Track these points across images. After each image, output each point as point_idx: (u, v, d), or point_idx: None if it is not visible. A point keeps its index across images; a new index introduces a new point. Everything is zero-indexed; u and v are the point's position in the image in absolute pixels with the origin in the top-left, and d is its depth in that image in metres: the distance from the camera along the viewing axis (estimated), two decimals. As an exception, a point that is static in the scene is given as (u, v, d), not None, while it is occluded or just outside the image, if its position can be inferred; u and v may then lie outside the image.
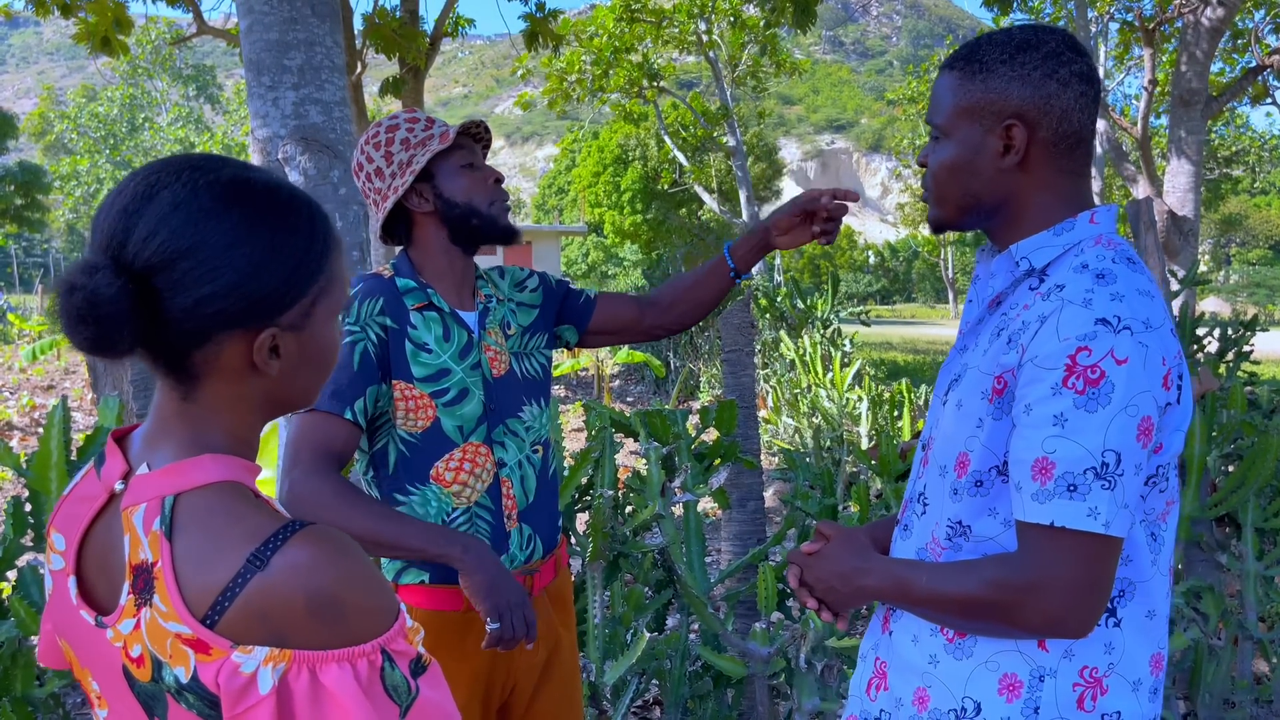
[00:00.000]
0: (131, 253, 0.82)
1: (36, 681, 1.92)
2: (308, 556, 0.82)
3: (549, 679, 1.85)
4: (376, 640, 0.83)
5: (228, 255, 0.84)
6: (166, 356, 0.86)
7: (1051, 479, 1.08)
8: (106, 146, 45.75)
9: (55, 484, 1.99)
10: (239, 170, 0.88)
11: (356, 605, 0.83)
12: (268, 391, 0.92)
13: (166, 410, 0.90)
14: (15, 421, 9.33)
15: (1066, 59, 1.18)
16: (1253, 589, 3.10)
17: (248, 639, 0.80)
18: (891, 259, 62.11)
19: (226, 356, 0.87)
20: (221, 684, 0.79)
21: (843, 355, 8.31)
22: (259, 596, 0.80)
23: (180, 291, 0.83)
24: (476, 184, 1.76)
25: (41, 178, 26.11)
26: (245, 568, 0.80)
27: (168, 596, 0.81)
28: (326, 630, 0.81)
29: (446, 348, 1.73)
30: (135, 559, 0.83)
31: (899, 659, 1.29)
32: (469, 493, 1.72)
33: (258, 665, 0.79)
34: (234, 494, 0.86)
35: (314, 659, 0.80)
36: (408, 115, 1.77)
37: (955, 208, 1.27)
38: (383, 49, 9.91)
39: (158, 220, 0.83)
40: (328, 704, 0.80)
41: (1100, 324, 1.07)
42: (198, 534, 0.83)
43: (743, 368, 3.41)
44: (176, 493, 0.84)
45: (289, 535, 0.82)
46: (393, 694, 0.83)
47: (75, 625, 0.91)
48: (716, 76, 20.17)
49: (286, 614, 0.80)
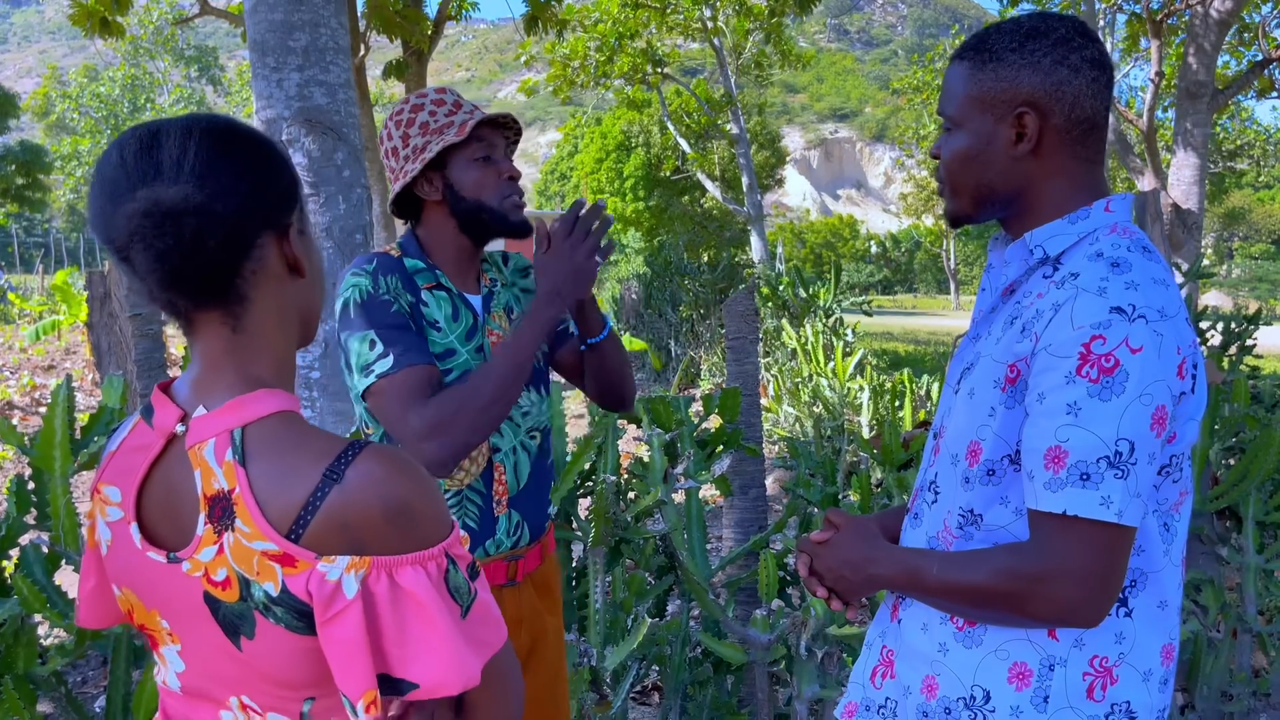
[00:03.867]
0: (176, 172, 0.89)
1: (39, 659, 1.91)
2: (380, 469, 0.89)
3: (533, 667, 1.82)
4: (442, 545, 0.91)
5: (246, 159, 0.93)
6: (225, 277, 0.93)
7: (1064, 468, 1.07)
8: (108, 127, 45.61)
9: (59, 462, 1.99)
10: (207, 114, 0.97)
11: (425, 512, 0.91)
12: (301, 301, 1.01)
13: (215, 351, 0.96)
14: (16, 401, 9.33)
15: (1077, 45, 1.17)
16: (1252, 582, 3.10)
17: (330, 549, 0.87)
18: (894, 249, 62.00)
19: (269, 263, 0.96)
20: (312, 592, 0.87)
21: (844, 345, 8.30)
22: (339, 508, 0.87)
23: (230, 193, 0.91)
24: (488, 178, 1.72)
25: (43, 157, 26.03)
26: (322, 483, 0.88)
27: (250, 518, 0.88)
28: (400, 536, 0.89)
29: (455, 328, 1.73)
30: (210, 490, 0.90)
31: (907, 647, 1.29)
32: (462, 475, 1.71)
33: (341, 573, 0.87)
34: (293, 422, 0.94)
35: (391, 563, 0.88)
36: (436, 97, 1.74)
37: (970, 199, 1.26)
38: (386, 31, 9.87)
39: (181, 144, 0.90)
40: (406, 603, 0.88)
41: (1115, 312, 1.07)
42: (271, 458, 0.90)
43: (746, 355, 3.40)
44: (243, 424, 0.91)
45: (358, 451, 0.90)
46: (455, 594, 0.91)
47: (140, 568, 0.97)
48: (721, 63, 20.09)
49: (365, 522, 0.88)
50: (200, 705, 0.99)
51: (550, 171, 51.47)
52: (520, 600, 1.79)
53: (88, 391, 9.68)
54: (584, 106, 43.05)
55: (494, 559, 1.74)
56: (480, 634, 0.93)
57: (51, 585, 1.94)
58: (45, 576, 1.94)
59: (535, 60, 18.67)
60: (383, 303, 1.64)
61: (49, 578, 1.95)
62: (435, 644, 0.89)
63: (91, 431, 2.11)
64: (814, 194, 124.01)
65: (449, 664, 0.89)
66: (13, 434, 2.05)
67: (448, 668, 0.89)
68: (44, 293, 19.64)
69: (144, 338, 3.33)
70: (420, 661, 0.89)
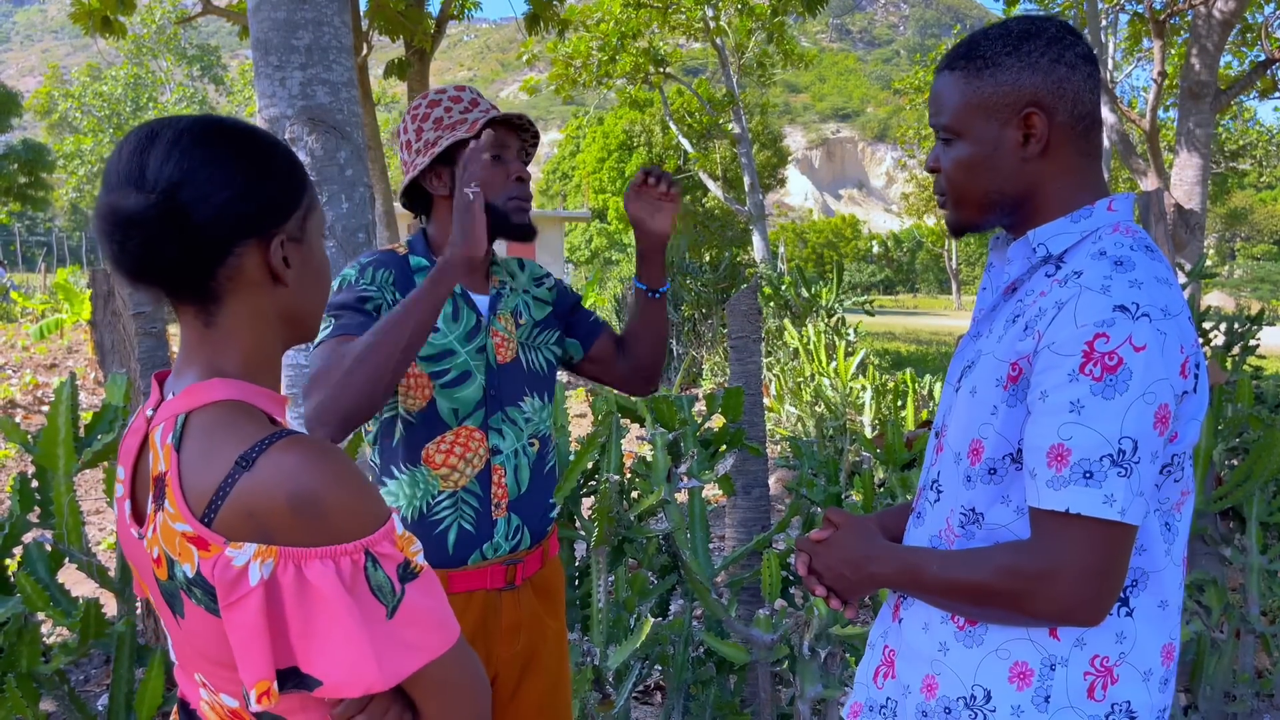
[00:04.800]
0: (152, 178, 0.92)
1: (42, 658, 1.92)
2: (291, 458, 0.89)
3: (533, 670, 1.81)
4: (360, 541, 0.90)
5: (236, 165, 0.95)
6: (193, 275, 0.95)
7: (1067, 466, 1.07)
8: (111, 126, 45.60)
9: (62, 461, 1.99)
10: (211, 115, 1.00)
11: (338, 506, 0.89)
12: (282, 306, 1.02)
13: (190, 342, 0.99)
14: (19, 400, 9.33)
15: (1069, 42, 1.19)
16: (1256, 583, 3.10)
17: (239, 535, 0.88)
18: (896, 249, 61.95)
19: (246, 271, 0.97)
20: (216, 575, 0.88)
21: (846, 344, 8.30)
22: (246, 495, 0.88)
23: (203, 202, 0.92)
24: (495, 177, 1.72)
25: (45, 156, 26.05)
26: (234, 469, 0.89)
27: (174, 499, 0.90)
28: (308, 528, 0.88)
29: (454, 328, 1.72)
30: (155, 472, 0.94)
31: (908, 647, 1.29)
32: (457, 477, 1.70)
33: (248, 560, 0.87)
34: (237, 410, 0.95)
35: (299, 555, 0.88)
36: (453, 94, 1.74)
37: (977, 208, 1.25)
38: (388, 31, 9.88)
39: (168, 148, 0.93)
40: (313, 597, 0.88)
41: (1118, 310, 1.07)
42: (199, 443, 0.92)
43: (749, 355, 3.40)
44: (188, 410, 0.94)
45: (275, 440, 0.90)
46: (378, 594, 0.90)
47: (131, 543, 1.01)
48: (723, 63, 20.09)
49: (270, 511, 0.88)
50: (187, 680, 1.03)
51: (552, 171, 51.47)
52: (519, 605, 1.77)
53: (91, 390, 9.69)
54: (586, 106, 43.07)
55: (492, 562, 1.73)
56: (409, 637, 0.91)
57: (55, 584, 1.94)
58: (48, 575, 1.95)
59: (537, 59, 18.67)
60: (357, 290, 1.66)
61: (52, 576, 1.95)
62: (340, 642, 0.88)
63: (95, 430, 2.12)
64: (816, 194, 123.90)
65: (352, 663, 0.88)
66: (16, 432, 2.05)
67: (350, 667, 0.88)
68: (47, 291, 19.66)
69: (147, 336, 3.33)
70: (324, 658, 0.89)
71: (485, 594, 1.72)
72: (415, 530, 1.69)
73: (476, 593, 1.71)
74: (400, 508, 1.70)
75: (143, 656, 2.04)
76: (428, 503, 1.69)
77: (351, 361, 1.49)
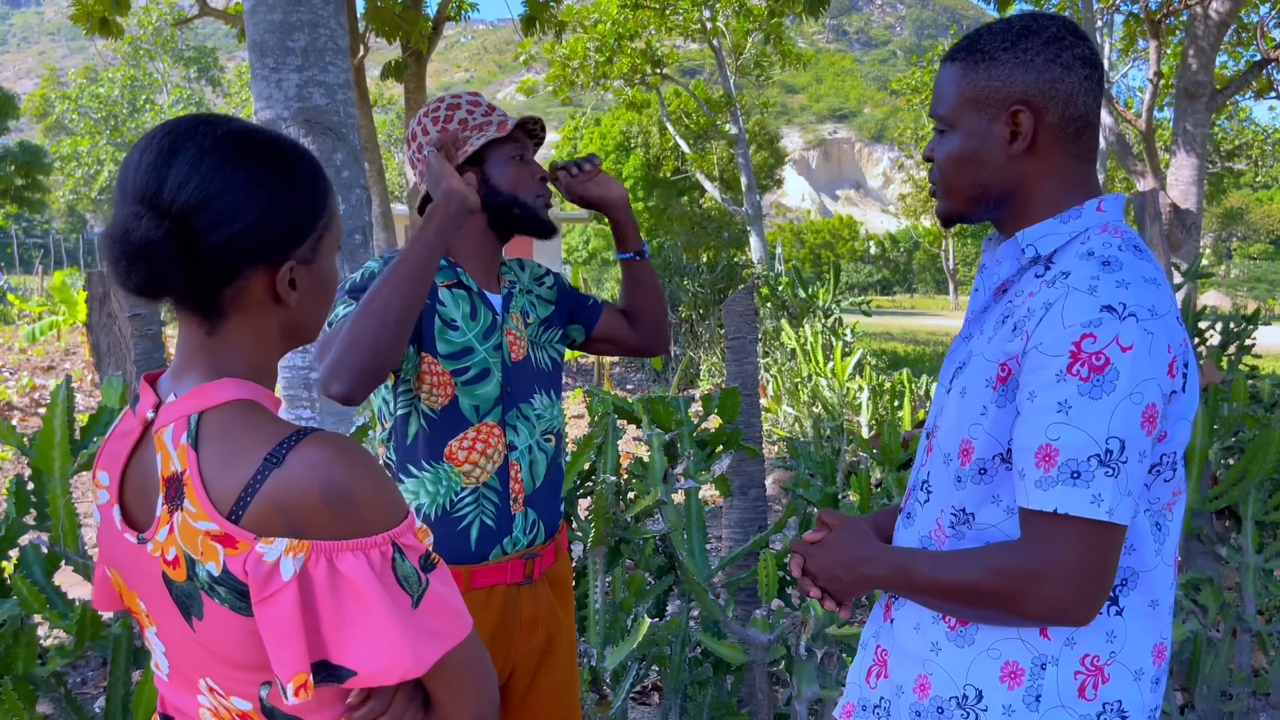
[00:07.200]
0: (168, 199, 0.91)
1: (39, 660, 1.92)
2: (321, 453, 0.91)
3: (548, 663, 1.86)
4: (387, 533, 0.92)
5: (253, 194, 0.94)
6: (198, 295, 0.95)
7: (1055, 466, 1.07)
8: (107, 128, 45.51)
9: (58, 463, 1.99)
10: (242, 124, 0.99)
11: (367, 499, 0.91)
12: (285, 323, 1.02)
13: (191, 346, 0.99)
14: (15, 402, 9.33)
15: (1068, 43, 1.18)
16: (1252, 582, 3.10)
17: (269, 531, 0.89)
18: (893, 249, 61.96)
19: (252, 291, 0.97)
20: (249, 572, 0.88)
21: (843, 345, 8.30)
22: (278, 491, 0.89)
23: (216, 229, 0.92)
24: (524, 176, 1.80)
25: (42, 158, 26.03)
26: (263, 466, 0.90)
27: (196, 499, 0.90)
28: (340, 521, 0.90)
29: (473, 326, 1.77)
30: (166, 473, 0.94)
31: (900, 647, 1.29)
32: (479, 473, 1.74)
33: (279, 555, 0.88)
34: (251, 409, 0.96)
35: (330, 548, 0.89)
36: (470, 98, 1.81)
37: (964, 199, 1.27)
38: (384, 32, 9.87)
39: (188, 169, 0.92)
40: (345, 589, 0.89)
41: (1106, 311, 1.07)
42: (220, 442, 0.92)
43: (746, 355, 3.41)
44: (200, 410, 0.94)
45: (303, 437, 0.92)
46: (404, 584, 0.92)
47: (121, 550, 1.01)
48: (720, 64, 20.09)
49: (303, 506, 0.89)
50: (182, 690, 1.02)
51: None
52: (537, 598, 1.82)
53: (87, 392, 9.68)
54: (583, 107, 43.05)
55: (511, 557, 1.77)
56: (433, 625, 0.93)
57: (51, 586, 1.94)
58: (45, 577, 1.95)
59: (534, 61, 18.69)
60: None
61: (48, 578, 1.95)
62: (373, 631, 0.90)
63: (91, 432, 2.12)
64: (813, 194, 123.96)
65: (387, 652, 0.90)
66: (12, 435, 2.05)
67: (386, 656, 0.90)
68: (43, 293, 19.64)
69: (143, 338, 3.33)
70: (358, 648, 0.90)
71: (505, 589, 1.77)
72: (438, 527, 1.73)
73: (497, 588, 1.76)
74: (423, 505, 1.74)
75: (139, 659, 2.04)
76: (450, 499, 1.73)
77: (355, 315, 1.54)
